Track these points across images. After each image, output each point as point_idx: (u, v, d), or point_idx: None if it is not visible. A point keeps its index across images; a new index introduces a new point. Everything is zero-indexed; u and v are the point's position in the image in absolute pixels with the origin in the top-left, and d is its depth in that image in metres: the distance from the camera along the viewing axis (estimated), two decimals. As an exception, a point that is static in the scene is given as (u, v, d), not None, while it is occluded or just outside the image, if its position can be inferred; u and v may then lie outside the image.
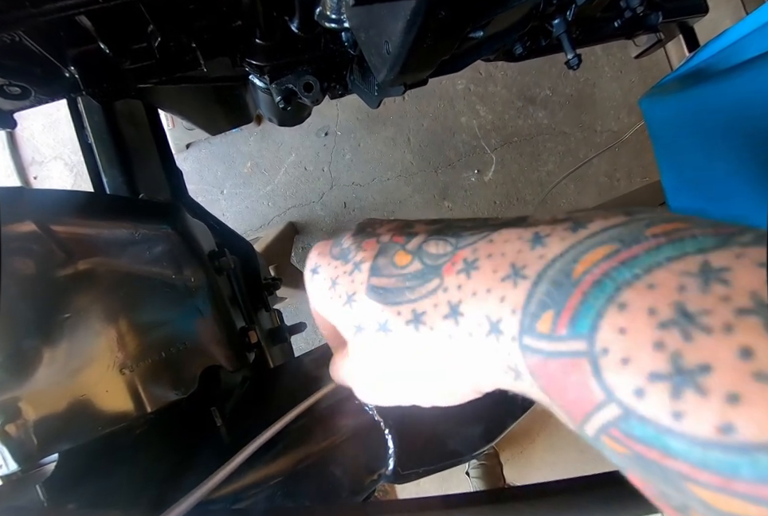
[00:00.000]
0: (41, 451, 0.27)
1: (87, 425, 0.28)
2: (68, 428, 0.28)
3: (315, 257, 0.21)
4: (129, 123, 0.52)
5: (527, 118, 1.39)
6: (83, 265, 0.28)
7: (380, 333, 0.17)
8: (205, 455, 0.27)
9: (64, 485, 0.27)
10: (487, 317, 0.14)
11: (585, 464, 1.32)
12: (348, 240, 0.20)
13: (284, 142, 1.24)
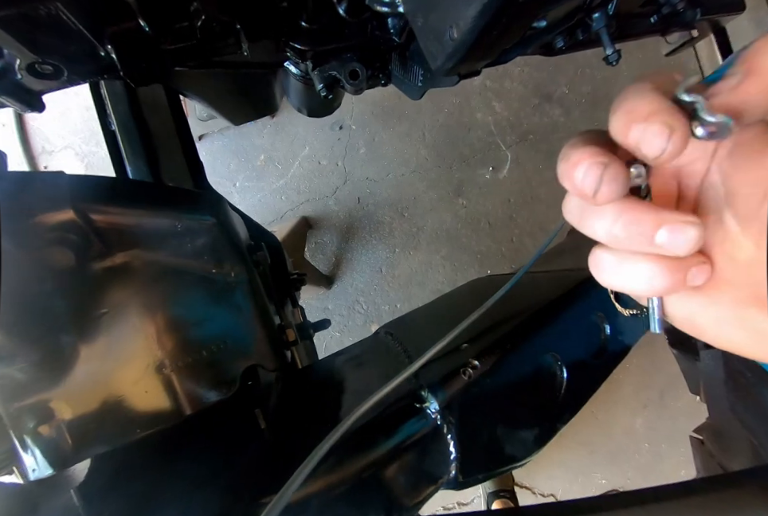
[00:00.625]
0: (75, 454, 0.25)
1: (123, 427, 0.27)
2: (104, 430, 0.26)
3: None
4: (152, 109, 0.51)
5: (543, 115, 1.37)
6: (121, 257, 0.26)
7: None
8: (251, 458, 0.25)
9: (100, 490, 0.26)
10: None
11: (595, 465, 1.31)
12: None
13: (298, 135, 1.22)
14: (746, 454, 0.57)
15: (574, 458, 1.30)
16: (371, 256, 1.24)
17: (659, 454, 1.31)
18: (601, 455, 1.31)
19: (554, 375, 0.31)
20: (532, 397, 0.29)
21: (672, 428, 1.30)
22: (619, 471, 1.30)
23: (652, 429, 1.31)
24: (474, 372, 0.26)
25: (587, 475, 1.30)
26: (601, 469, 1.30)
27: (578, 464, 1.29)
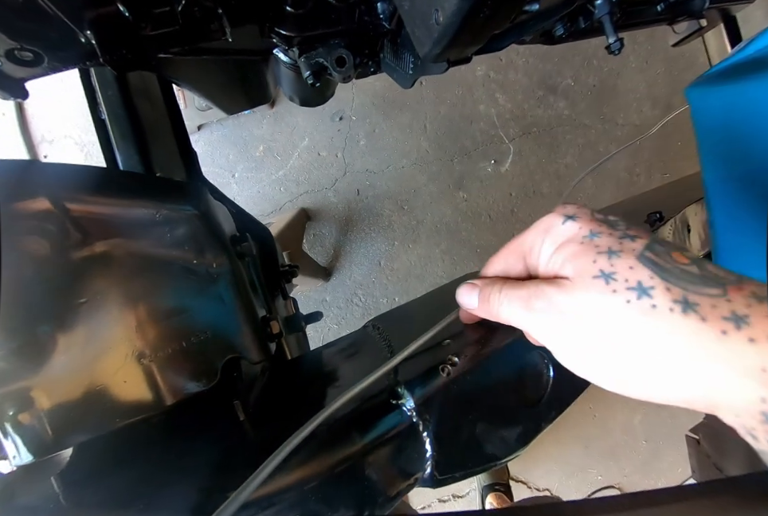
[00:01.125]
0: (55, 442, 0.25)
1: (103, 417, 0.27)
2: (84, 419, 0.26)
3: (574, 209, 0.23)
4: (144, 98, 0.50)
5: (548, 108, 1.35)
6: (100, 247, 0.26)
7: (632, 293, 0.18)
8: (229, 451, 0.25)
9: (80, 479, 0.26)
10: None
11: (591, 461, 1.32)
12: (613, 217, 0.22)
13: (298, 125, 1.21)
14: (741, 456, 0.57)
15: (570, 453, 1.30)
16: (370, 248, 1.24)
17: (656, 451, 1.31)
18: (598, 452, 1.31)
19: (540, 373, 0.30)
20: (516, 396, 0.29)
21: (671, 426, 1.30)
22: (616, 467, 1.31)
23: (651, 426, 1.31)
24: (453, 369, 0.26)
25: (583, 471, 1.31)
26: (598, 465, 1.31)
27: (575, 460, 1.30)
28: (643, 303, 0.18)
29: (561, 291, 0.20)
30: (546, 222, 0.23)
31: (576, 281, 0.20)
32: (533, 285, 0.22)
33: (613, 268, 0.19)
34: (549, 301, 0.21)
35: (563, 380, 0.30)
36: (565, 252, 0.21)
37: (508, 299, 0.23)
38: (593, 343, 0.19)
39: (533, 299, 0.21)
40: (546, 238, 0.23)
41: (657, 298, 0.18)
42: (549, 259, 0.22)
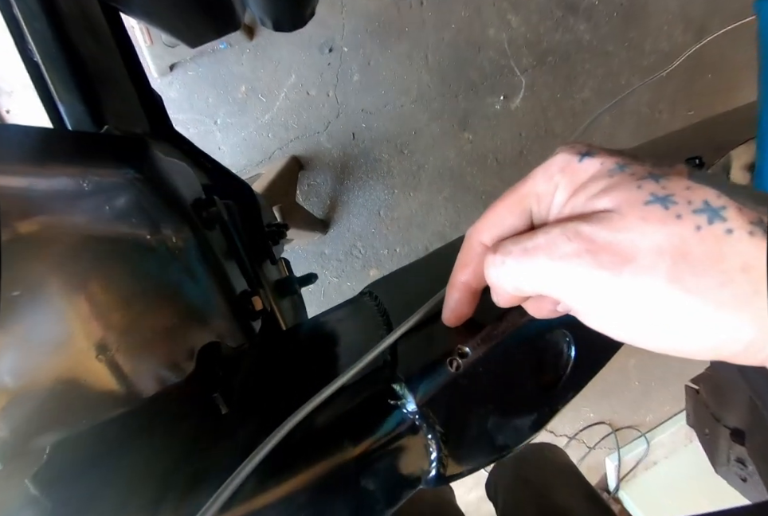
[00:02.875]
0: (19, 447, 0.23)
1: (70, 416, 0.24)
2: (49, 419, 0.24)
3: (584, 146, 0.18)
4: (85, 31, 0.41)
5: (566, 31, 1.18)
6: (24, 227, 0.21)
7: (701, 217, 0.14)
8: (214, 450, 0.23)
9: (57, 479, 0.24)
10: None
11: (585, 400, 1.38)
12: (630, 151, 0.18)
13: (282, 60, 1.07)
14: (741, 409, 0.57)
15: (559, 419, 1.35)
16: (368, 197, 1.17)
17: (647, 391, 1.36)
18: (592, 392, 1.36)
19: (560, 354, 0.27)
20: (533, 381, 0.26)
21: (664, 368, 1.34)
22: (607, 405, 1.37)
23: (644, 369, 1.34)
24: (464, 361, 0.22)
25: (576, 410, 1.37)
26: (591, 404, 1.37)
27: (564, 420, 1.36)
28: (716, 229, 0.14)
29: (605, 226, 0.15)
30: (557, 163, 0.18)
31: (625, 211, 0.15)
32: (555, 228, 0.17)
33: (667, 190, 0.15)
34: (589, 242, 0.15)
35: (584, 358, 0.27)
36: (592, 189, 0.17)
37: (517, 256, 0.17)
38: (656, 291, 0.15)
39: (561, 244, 0.16)
40: (561, 181, 0.18)
41: (732, 220, 0.14)
42: (565, 204, 0.18)
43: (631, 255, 0.15)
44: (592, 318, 0.17)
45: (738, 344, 0.14)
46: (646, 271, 0.15)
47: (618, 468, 1.33)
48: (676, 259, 0.14)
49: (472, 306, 0.22)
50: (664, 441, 1.35)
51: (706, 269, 0.14)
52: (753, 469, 0.56)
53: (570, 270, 0.16)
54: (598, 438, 1.37)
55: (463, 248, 0.21)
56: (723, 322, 0.14)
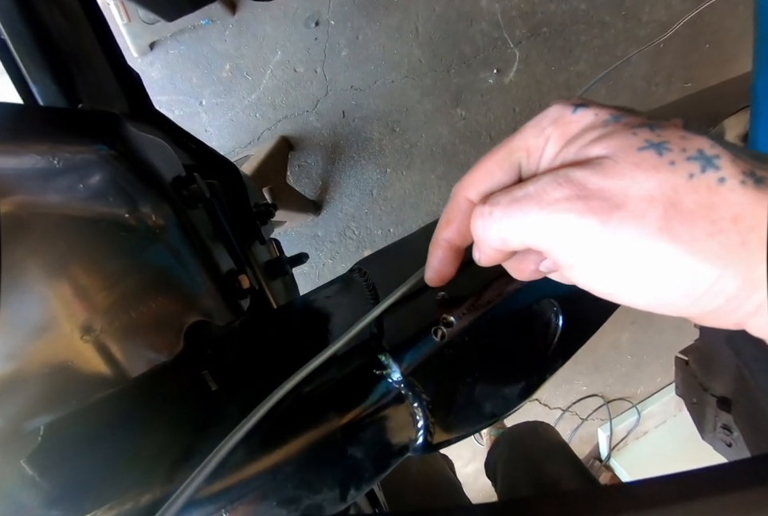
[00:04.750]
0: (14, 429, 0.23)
1: (61, 398, 0.24)
2: (39, 402, 0.24)
3: (579, 99, 0.18)
4: (52, 6, 0.39)
5: (561, 1, 1.14)
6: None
7: (695, 164, 0.14)
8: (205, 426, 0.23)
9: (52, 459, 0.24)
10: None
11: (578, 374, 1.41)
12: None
13: (267, 35, 1.03)
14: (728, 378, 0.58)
15: (546, 390, 1.39)
16: (361, 177, 1.15)
17: (639, 364, 1.39)
18: (585, 366, 1.39)
19: (548, 323, 0.27)
20: (520, 350, 0.26)
21: (656, 342, 1.37)
22: (600, 378, 1.40)
23: (637, 343, 1.37)
24: (449, 330, 0.22)
25: (570, 383, 1.41)
26: (584, 377, 1.40)
27: (563, 373, 1.39)
28: (709, 177, 0.14)
29: (598, 172, 0.15)
30: (549, 115, 0.17)
31: (619, 157, 0.15)
32: (546, 175, 0.16)
33: (662, 137, 0.15)
34: (580, 188, 0.15)
35: (572, 327, 0.27)
36: (585, 139, 0.16)
37: (506, 205, 0.16)
38: (644, 239, 0.14)
39: (551, 191, 0.15)
40: (553, 133, 0.17)
41: (725, 169, 0.14)
42: (556, 156, 0.17)
43: (621, 201, 0.14)
44: (577, 271, 0.16)
45: (719, 297, 0.14)
46: (636, 219, 0.14)
47: (610, 438, 1.37)
48: (667, 207, 0.14)
49: (454, 266, 0.22)
50: (655, 412, 1.39)
51: (696, 218, 0.14)
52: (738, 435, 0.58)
53: (558, 217, 0.15)
54: (591, 410, 1.40)
55: (448, 205, 0.21)
56: (709, 272, 0.14)
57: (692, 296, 0.15)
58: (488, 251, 0.19)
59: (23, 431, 0.24)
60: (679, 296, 0.15)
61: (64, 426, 0.26)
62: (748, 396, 0.55)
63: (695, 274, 0.14)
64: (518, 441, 0.79)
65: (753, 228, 0.14)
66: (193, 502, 0.18)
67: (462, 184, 0.20)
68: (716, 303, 0.15)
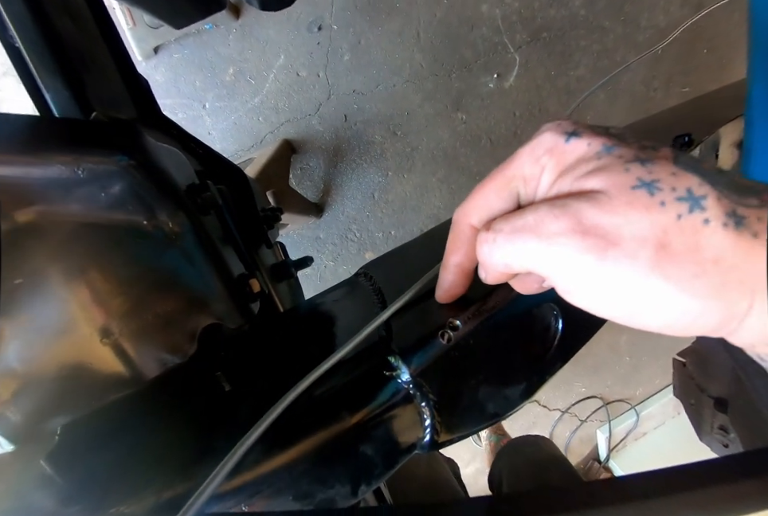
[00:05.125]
0: (30, 429, 0.24)
1: (78, 397, 0.25)
2: (58, 402, 0.25)
3: (569, 124, 0.18)
4: (65, 15, 0.40)
5: (561, 7, 1.15)
6: (21, 217, 0.22)
7: (683, 205, 0.15)
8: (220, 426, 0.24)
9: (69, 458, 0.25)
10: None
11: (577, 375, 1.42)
12: (614, 129, 0.18)
13: (270, 40, 1.04)
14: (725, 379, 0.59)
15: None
16: (362, 180, 1.16)
17: (638, 366, 1.40)
18: (584, 368, 1.40)
19: (548, 327, 0.28)
20: (522, 353, 0.27)
21: (655, 344, 1.38)
22: (599, 380, 1.41)
23: (635, 345, 1.38)
24: (455, 334, 0.23)
25: (569, 384, 1.42)
26: (583, 379, 1.41)
27: (562, 375, 1.39)
28: (695, 218, 0.15)
29: (593, 206, 0.16)
30: (543, 144, 0.18)
31: (613, 193, 0.16)
32: (544, 205, 0.17)
33: (654, 175, 0.16)
34: (577, 222, 0.16)
35: (571, 331, 0.28)
36: (580, 170, 0.17)
37: (508, 233, 0.17)
38: (636, 277, 0.15)
39: (549, 223, 0.16)
40: (548, 163, 0.18)
41: (710, 210, 0.15)
42: (552, 186, 0.18)
43: (615, 239, 0.15)
44: (574, 296, 0.17)
45: (704, 328, 0.16)
46: (629, 258, 0.15)
47: (609, 439, 1.38)
48: (657, 248, 0.15)
49: (465, 286, 0.23)
50: (654, 413, 1.40)
51: (683, 260, 0.15)
52: (734, 436, 0.59)
53: (556, 250, 0.16)
54: (590, 411, 1.41)
55: (452, 232, 0.22)
56: (695, 308, 0.15)
57: (682, 324, 0.16)
58: (494, 273, 0.20)
59: (42, 431, 0.25)
60: (668, 325, 0.16)
61: (81, 426, 0.27)
62: (744, 397, 0.56)
63: (683, 308, 0.15)
64: (521, 453, 0.81)
65: (732, 268, 0.15)
66: (215, 497, 0.19)
67: (463, 211, 0.21)
68: (702, 331, 0.16)
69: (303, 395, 0.22)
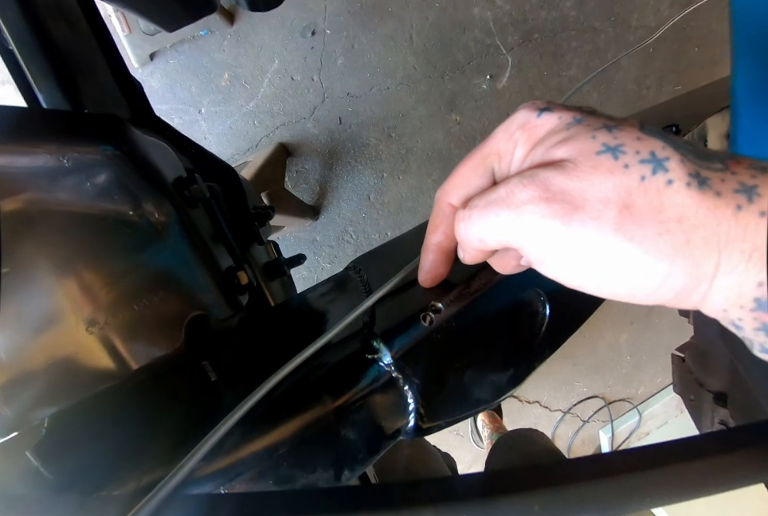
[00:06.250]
0: (18, 419, 0.24)
1: (65, 388, 0.25)
2: (45, 392, 0.25)
3: (543, 102, 0.19)
4: (58, 18, 0.41)
5: (552, 9, 1.17)
6: (6, 205, 0.22)
7: (646, 167, 0.15)
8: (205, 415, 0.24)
9: (57, 449, 0.25)
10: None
11: (578, 375, 1.42)
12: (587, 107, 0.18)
13: (264, 45, 1.06)
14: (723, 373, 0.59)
15: (558, 370, 1.39)
16: (358, 182, 1.17)
17: (638, 364, 1.40)
18: (585, 367, 1.39)
19: (535, 313, 0.28)
20: (508, 338, 0.27)
21: (655, 343, 1.37)
22: (600, 380, 1.40)
23: (635, 344, 1.37)
24: (437, 316, 0.24)
25: (570, 384, 1.41)
26: (584, 379, 1.40)
27: (562, 375, 1.39)
28: (658, 180, 0.15)
29: (560, 173, 0.16)
30: (516, 120, 0.19)
31: (579, 160, 0.16)
32: (514, 177, 0.17)
33: (619, 140, 0.16)
34: (544, 188, 0.16)
35: (559, 317, 0.28)
36: (550, 142, 0.17)
37: (481, 208, 0.18)
38: (602, 238, 0.15)
39: (518, 192, 0.17)
40: (520, 138, 0.18)
41: (673, 171, 0.15)
42: (524, 159, 0.18)
43: (581, 203, 0.16)
44: (546, 266, 0.17)
45: (669, 291, 0.16)
46: (593, 220, 0.15)
47: (612, 440, 1.37)
48: (621, 208, 0.15)
49: (446, 267, 0.23)
50: (656, 412, 1.39)
51: (646, 219, 0.15)
52: (734, 429, 0.59)
53: (525, 218, 0.16)
54: (592, 411, 1.40)
55: (433, 211, 0.22)
56: (660, 268, 0.15)
57: (649, 288, 0.16)
58: (471, 251, 0.20)
59: (29, 423, 0.25)
60: (637, 288, 0.16)
61: (67, 417, 0.27)
62: (743, 390, 0.55)
63: (648, 270, 0.15)
64: (514, 447, 0.81)
65: (696, 227, 0.15)
66: (193, 481, 0.19)
67: (443, 190, 0.21)
68: (667, 295, 0.16)
69: (286, 380, 0.22)
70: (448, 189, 0.21)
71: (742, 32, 0.39)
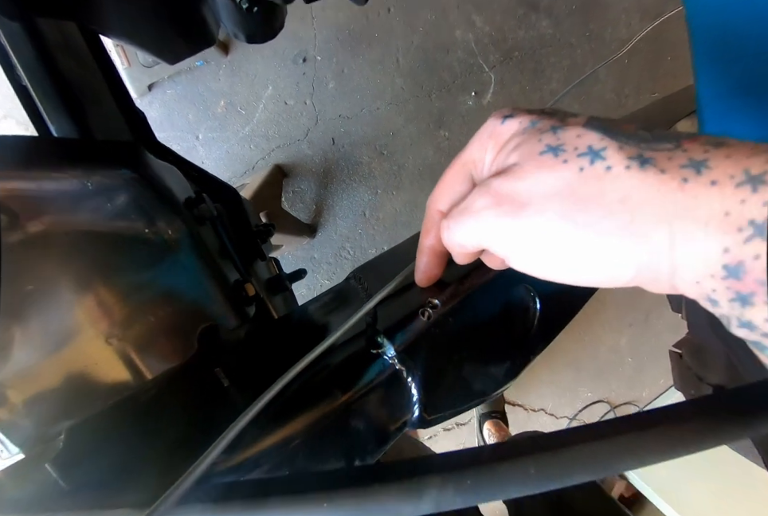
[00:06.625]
0: (40, 431, 0.25)
1: (83, 400, 0.26)
2: (64, 405, 0.26)
3: (509, 109, 0.20)
4: (67, 54, 0.44)
5: (529, 28, 1.23)
6: (33, 227, 0.24)
7: (584, 159, 0.16)
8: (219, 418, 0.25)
9: (75, 460, 0.26)
10: (746, 171, 0.14)
11: (581, 381, 1.41)
12: (550, 109, 0.20)
13: (258, 73, 1.10)
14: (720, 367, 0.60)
15: (562, 377, 1.39)
16: (353, 199, 1.20)
17: (641, 367, 1.40)
18: (587, 372, 1.39)
19: (526, 307, 0.30)
20: (503, 332, 0.29)
21: (655, 344, 1.38)
22: (604, 384, 1.40)
23: (636, 346, 1.38)
24: (434, 311, 0.25)
25: (574, 391, 1.40)
26: (587, 384, 1.40)
27: (566, 382, 1.39)
28: (597, 168, 0.16)
29: (507, 178, 0.18)
30: (486, 129, 0.20)
31: (523, 163, 0.18)
32: (475, 188, 0.19)
33: (560, 140, 0.17)
34: (495, 194, 0.18)
35: (550, 312, 0.30)
36: (508, 147, 0.19)
37: (455, 218, 0.20)
38: (551, 229, 0.17)
39: (477, 201, 0.19)
40: (489, 144, 0.20)
41: (611, 158, 0.16)
42: (492, 164, 0.20)
43: (527, 200, 0.17)
44: (515, 262, 0.19)
45: (629, 269, 0.16)
46: (539, 213, 0.17)
47: (622, 446, 1.35)
48: (564, 199, 0.16)
49: (440, 267, 0.25)
50: (664, 416, 1.38)
51: (589, 205, 0.16)
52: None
53: (483, 222, 0.18)
54: (598, 417, 1.40)
55: (425, 217, 0.24)
56: (610, 249, 0.16)
57: (609, 269, 0.17)
58: (457, 254, 0.22)
59: (49, 435, 0.26)
60: (599, 270, 0.17)
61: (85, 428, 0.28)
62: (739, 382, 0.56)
63: (600, 252, 0.16)
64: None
65: (641, 204, 0.15)
66: (213, 473, 0.20)
67: (432, 198, 0.24)
68: (628, 275, 0.17)
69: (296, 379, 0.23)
70: (435, 196, 0.23)
71: (701, 42, 0.42)
